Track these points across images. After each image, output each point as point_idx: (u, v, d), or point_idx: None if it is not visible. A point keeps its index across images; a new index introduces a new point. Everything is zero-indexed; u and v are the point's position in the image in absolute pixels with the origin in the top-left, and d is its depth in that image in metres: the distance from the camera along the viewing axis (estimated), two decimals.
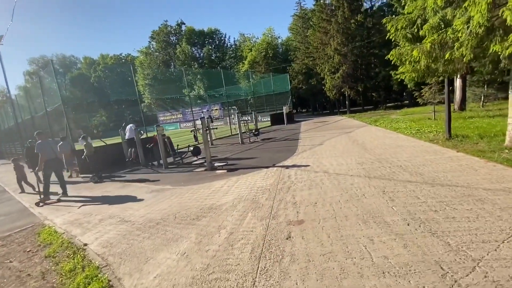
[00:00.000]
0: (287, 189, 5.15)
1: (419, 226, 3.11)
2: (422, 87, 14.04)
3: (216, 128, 11.11)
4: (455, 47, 5.18)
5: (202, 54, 45.19)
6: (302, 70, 35.28)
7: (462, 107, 15.50)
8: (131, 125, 11.06)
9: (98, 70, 55.53)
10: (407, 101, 28.31)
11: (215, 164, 8.24)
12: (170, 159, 10.61)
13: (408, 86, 22.64)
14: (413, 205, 3.69)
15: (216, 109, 37.42)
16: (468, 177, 4.55)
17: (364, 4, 27.60)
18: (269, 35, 45.61)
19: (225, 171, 7.70)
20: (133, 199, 6.23)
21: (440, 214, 3.35)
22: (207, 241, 3.51)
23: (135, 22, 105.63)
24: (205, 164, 8.41)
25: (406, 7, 7.24)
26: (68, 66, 67.82)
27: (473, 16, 4.86)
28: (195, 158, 10.60)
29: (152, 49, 48.48)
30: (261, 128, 20.49)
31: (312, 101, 41.55)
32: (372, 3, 27.87)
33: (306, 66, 33.17)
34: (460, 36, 5.16)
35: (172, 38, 47.13)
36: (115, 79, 50.87)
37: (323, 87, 28.76)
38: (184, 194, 5.92)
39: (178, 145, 10.69)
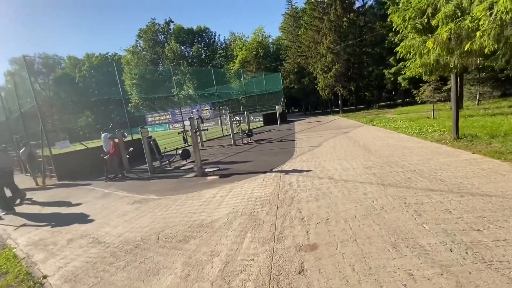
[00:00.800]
0: (290, 200, 4.45)
1: (466, 253, 2.46)
2: (421, 84, 13.63)
3: (207, 130, 10.33)
4: (477, 36, 4.60)
5: (191, 53, 44.11)
6: (294, 69, 34.79)
7: (460, 105, 15.20)
8: (104, 134, 10.07)
9: (83, 70, 53.55)
10: (400, 100, 28.18)
11: (206, 170, 7.47)
12: (156, 163, 9.78)
13: (402, 85, 22.40)
14: (447, 222, 3.05)
15: (206, 109, 36.48)
16: (498, 184, 3.96)
17: (356, 2, 27.28)
18: (260, 35, 45.01)
19: (217, 177, 6.95)
20: (111, 212, 5.40)
21: (486, 234, 2.72)
22: (196, 274, 2.76)
23: (122, 21, 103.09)
24: (195, 169, 7.63)
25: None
26: (51, 66, 65.23)
27: (496, 1, 4.30)
28: (184, 162, 9.79)
29: (139, 47, 47.04)
30: (254, 128, 19.77)
31: (304, 101, 41.14)
32: (364, 2, 27.56)
33: (298, 65, 32.68)
34: (482, 25, 4.59)
35: (160, 37, 45.84)
36: (100, 79, 49.11)
37: (316, 87, 28.31)
38: (170, 206, 5.15)
39: (165, 148, 9.86)
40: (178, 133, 8.23)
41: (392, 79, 23.06)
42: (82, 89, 53.63)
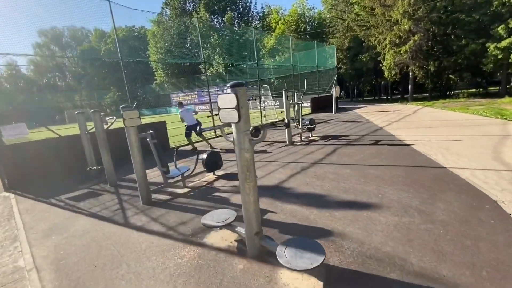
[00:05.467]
0: None
1: None
2: None
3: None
4: None
5: (222, 23, 38.93)
6: (344, 46, 28.43)
7: None
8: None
9: (109, 43, 50.72)
10: (498, 88, 21.04)
11: (272, 249, 2.55)
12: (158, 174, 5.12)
13: None
14: None
15: None
16: None
17: None
18: (301, 5, 38.45)
19: None
20: None
21: None
22: None
23: None
24: (230, 222, 2.77)
25: None
26: (80, 39, 63.63)
27: None
28: (210, 177, 5.03)
29: (165, 16, 42.66)
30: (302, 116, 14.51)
31: (354, 85, 34.54)
32: None
33: (353, 39, 26.27)
34: None
35: (188, 5, 40.92)
36: (125, 53, 45.76)
37: (381, 65, 22.04)
38: None
39: (176, 148, 5.14)
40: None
41: (500, 56, 16.33)
42: (107, 63, 51.12)
